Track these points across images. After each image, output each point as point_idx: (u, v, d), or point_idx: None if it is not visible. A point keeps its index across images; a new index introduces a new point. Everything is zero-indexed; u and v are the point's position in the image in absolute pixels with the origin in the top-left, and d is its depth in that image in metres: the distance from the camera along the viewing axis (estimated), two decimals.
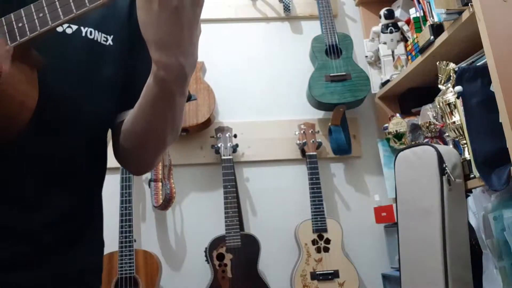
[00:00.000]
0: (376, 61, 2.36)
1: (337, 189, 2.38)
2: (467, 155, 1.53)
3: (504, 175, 1.33)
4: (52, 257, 0.71)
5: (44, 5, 0.61)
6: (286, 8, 2.52)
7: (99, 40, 0.78)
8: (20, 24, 0.61)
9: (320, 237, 2.15)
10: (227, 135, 2.21)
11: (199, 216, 2.26)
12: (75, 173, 0.76)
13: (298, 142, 2.30)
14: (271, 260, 2.19)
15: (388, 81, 2.23)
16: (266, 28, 2.54)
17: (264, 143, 2.36)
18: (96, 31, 0.78)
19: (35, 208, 0.70)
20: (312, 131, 2.29)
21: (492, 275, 1.46)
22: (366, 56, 2.37)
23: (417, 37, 1.92)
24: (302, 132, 2.29)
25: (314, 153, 2.25)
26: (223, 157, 2.16)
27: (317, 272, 2.09)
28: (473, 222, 1.55)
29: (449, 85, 1.58)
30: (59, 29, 0.72)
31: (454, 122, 1.57)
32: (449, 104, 1.58)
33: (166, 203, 2.12)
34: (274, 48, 2.49)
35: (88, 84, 0.76)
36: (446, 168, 1.50)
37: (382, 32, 2.23)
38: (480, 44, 1.42)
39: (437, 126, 1.82)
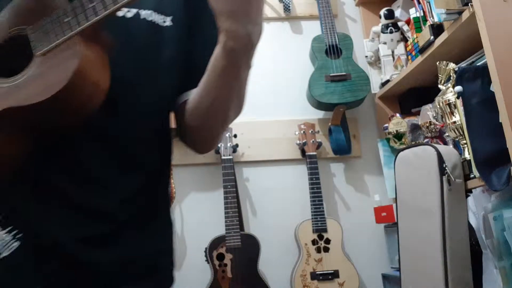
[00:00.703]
0: (376, 61, 2.36)
1: (337, 189, 2.38)
2: (467, 155, 1.53)
3: (504, 175, 1.33)
4: (128, 235, 0.73)
5: None
6: (286, 8, 2.52)
7: (157, 22, 0.79)
8: (90, 5, 0.62)
9: (320, 237, 2.15)
10: (227, 135, 2.21)
11: (199, 216, 2.26)
12: (143, 153, 0.78)
13: (298, 142, 2.30)
14: (271, 260, 2.19)
15: (388, 81, 2.23)
16: (266, 28, 2.50)
17: (264, 143, 2.36)
18: (154, 13, 0.79)
19: (108, 188, 0.72)
20: (312, 131, 2.29)
21: (492, 275, 1.46)
22: (366, 56, 2.37)
23: (417, 37, 1.92)
24: (302, 132, 2.29)
25: (314, 153, 2.25)
26: (223, 157, 2.16)
27: (317, 272, 2.09)
28: (473, 222, 1.55)
29: (449, 85, 1.58)
30: (120, 13, 0.75)
31: (454, 122, 1.57)
32: (449, 104, 1.58)
33: None
34: (274, 48, 2.49)
35: (150, 65, 0.77)
36: (446, 168, 1.50)
37: (382, 32, 2.23)
38: (480, 44, 1.42)
39: (437, 126, 1.82)
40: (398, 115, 2.14)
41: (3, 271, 0.65)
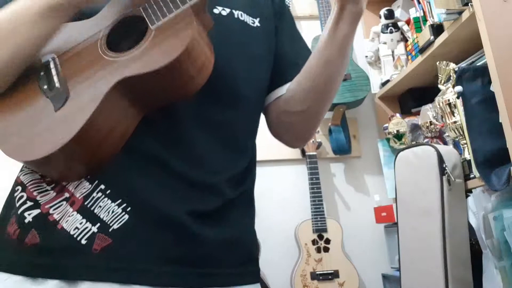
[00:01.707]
0: (376, 61, 2.36)
1: (337, 189, 2.38)
2: (467, 155, 1.53)
3: (504, 175, 1.33)
4: (236, 215, 0.78)
5: None
6: None
7: (248, 22, 0.85)
8: None
9: (320, 237, 2.15)
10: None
11: None
12: (244, 138, 0.84)
13: None
14: (271, 260, 2.18)
15: (388, 81, 2.23)
16: None
17: (264, 143, 2.34)
18: (245, 14, 0.85)
19: (215, 167, 0.76)
20: None
21: (492, 275, 1.46)
22: (366, 56, 2.37)
23: (417, 37, 1.92)
24: None
25: (314, 153, 2.25)
26: None
27: (317, 272, 2.09)
28: (473, 222, 1.55)
29: (449, 85, 1.58)
30: (216, 11, 0.82)
31: (454, 122, 1.57)
32: (449, 104, 1.58)
33: None
34: None
35: (243, 59, 0.82)
36: (446, 168, 1.50)
37: (382, 32, 2.23)
38: (480, 44, 1.42)
39: (437, 126, 1.82)
40: (398, 115, 2.14)
41: (114, 242, 0.66)
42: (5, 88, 0.72)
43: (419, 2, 1.94)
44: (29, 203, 0.69)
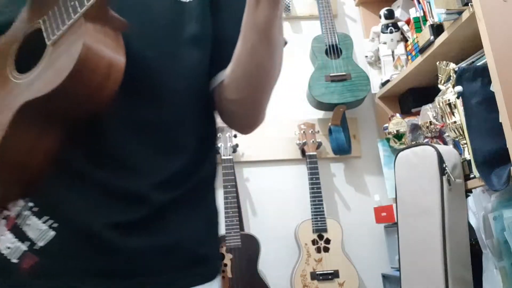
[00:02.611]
0: (376, 61, 2.36)
1: (337, 189, 2.38)
2: (467, 155, 1.53)
3: (504, 175, 1.33)
4: (168, 221, 0.71)
5: None
6: (286, 8, 2.52)
7: None
8: None
9: (320, 237, 2.15)
10: (227, 135, 2.21)
11: None
12: (177, 135, 0.75)
13: (298, 142, 2.30)
14: (271, 260, 2.19)
15: (388, 81, 2.23)
16: None
17: (264, 143, 2.35)
18: None
19: (142, 172, 0.70)
20: (312, 131, 2.29)
21: (492, 275, 1.46)
22: (366, 56, 2.37)
23: (417, 37, 1.92)
24: (302, 132, 2.29)
25: (314, 153, 2.25)
26: (223, 157, 2.16)
27: (317, 272, 2.09)
28: (473, 222, 1.55)
29: (449, 85, 1.58)
30: None
31: (454, 122, 1.57)
32: (449, 104, 1.58)
33: None
34: None
35: (174, 43, 0.75)
36: (446, 168, 1.50)
37: (382, 32, 2.23)
38: (480, 44, 1.42)
39: (437, 126, 1.82)
40: (398, 115, 2.14)
41: (40, 261, 0.66)
42: None
43: (419, 2, 1.94)
44: None
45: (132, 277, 0.68)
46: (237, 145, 2.22)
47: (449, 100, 1.57)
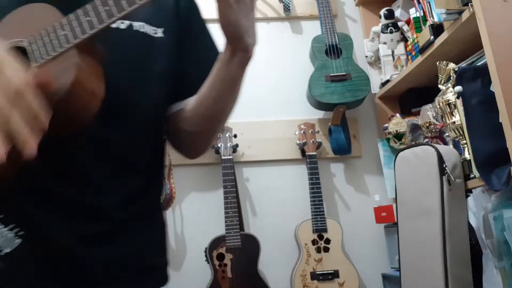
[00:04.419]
0: (376, 61, 2.36)
1: (337, 189, 2.38)
2: (467, 155, 1.53)
3: (504, 175, 1.33)
4: (125, 235, 0.78)
5: (99, 4, 0.66)
6: (286, 8, 2.52)
7: (149, 33, 0.83)
8: (87, 19, 0.65)
9: (320, 237, 2.15)
10: (227, 135, 2.21)
11: (199, 216, 2.26)
12: (138, 157, 0.82)
13: (298, 142, 2.30)
14: (271, 260, 2.19)
15: (388, 81, 2.23)
16: (266, 28, 2.54)
17: (264, 143, 2.35)
18: (146, 25, 0.83)
19: (104, 190, 0.77)
20: (312, 131, 2.29)
21: (492, 275, 1.46)
22: (366, 56, 2.37)
23: (417, 37, 1.92)
24: (302, 132, 2.29)
25: (314, 153, 2.25)
26: (223, 157, 2.16)
27: (317, 272, 2.09)
28: (473, 222, 1.55)
29: (449, 85, 1.58)
30: (114, 25, 0.78)
31: (454, 122, 1.57)
32: (449, 104, 1.58)
33: (166, 203, 2.12)
34: (274, 48, 2.49)
35: (143, 74, 0.82)
36: (446, 168, 1.50)
37: (382, 32, 2.23)
38: (480, 44, 1.42)
39: (437, 126, 1.82)
40: (398, 115, 2.14)
41: (6, 266, 0.68)
42: None
43: (419, 2, 1.94)
44: None
45: (94, 285, 0.74)
46: (237, 145, 2.22)
47: (449, 100, 1.57)
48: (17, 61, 0.61)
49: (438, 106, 1.63)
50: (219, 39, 0.87)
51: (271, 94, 2.43)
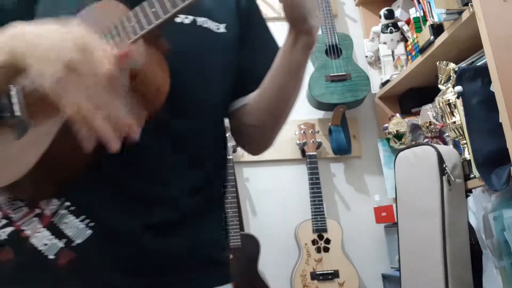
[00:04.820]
0: (376, 61, 2.36)
1: (337, 189, 2.38)
2: (467, 155, 1.53)
3: (504, 175, 1.33)
4: (193, 226, 0.78)
5: None
6: None
7: (212, 28, 0.84)
8: (152, 9, 0.66)
9: (320, 237, 2.15)
10: (227, 134, 2.21)
11: None
12: (203, 151, 0.82)
13: (298, 142, 2.30)
14: (271, 260, 2.19)
15: (388, 81, 2.23)
16: None
17: None
18: (210, 20, 0.84)
19: (173, 183, 0.77)
20: (312, 131, 2.29)
21: (492, 275, 1.46)
22: (366, 56, 2.37)
23: (417, 37, 1.92)
24: (302, 132, 2.29)
25: (314, 153, 2.25)
26: None
27: (317, 272, 2.09)
28: (473, 222, 1.55)
29: (449, 85, 1.58)
30: (178, 20, 0.80)
31: (454, 122, 1.57)
32: (449, 104, 1.58)
33: None
34: None
35: (207, 69, 0.82)
36: (446, 168, 1.50)
37: (382, 32, 2.23)
38: (480, 44, 1.42)
39: (437, 126, 1.82)
40: (398, 115, 2.14)
41: (78, 256, 0.70)
42: None
43: (419, 2, 1.94)
44: (3, 222, 0.73)
45: (163, 275, 0.74)
46: (237, 145, 2.22)
47: (449, 100, 1.57)
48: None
49: (438, 106, 1.63)
50: (279, 38, 0.89)
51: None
